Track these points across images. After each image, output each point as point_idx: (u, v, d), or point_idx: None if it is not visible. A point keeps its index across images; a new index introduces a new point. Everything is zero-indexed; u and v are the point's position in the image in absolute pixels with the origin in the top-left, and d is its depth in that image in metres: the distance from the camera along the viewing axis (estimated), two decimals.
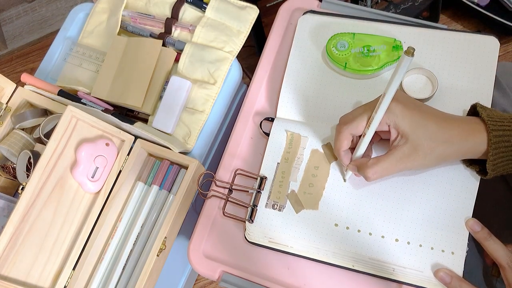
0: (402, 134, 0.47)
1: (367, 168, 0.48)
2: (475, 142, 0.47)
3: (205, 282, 1.11)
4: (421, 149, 0.47)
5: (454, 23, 1.23)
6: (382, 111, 0.46)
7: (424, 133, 0.47)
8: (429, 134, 0.47)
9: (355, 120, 0.49)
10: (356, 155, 0.51)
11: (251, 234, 0.55)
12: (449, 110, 0.56)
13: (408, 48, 0.40)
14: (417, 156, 0.47)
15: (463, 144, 0.47)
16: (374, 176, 0.48)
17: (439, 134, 0.47)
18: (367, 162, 0.49)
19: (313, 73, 0.61)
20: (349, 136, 0.50)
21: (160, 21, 0.68)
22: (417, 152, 0.47)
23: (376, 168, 0.48)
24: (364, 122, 0.48)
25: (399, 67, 0.41)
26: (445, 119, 0.48)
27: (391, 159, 0.48)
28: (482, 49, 0.57)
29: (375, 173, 0.48)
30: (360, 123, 0.49)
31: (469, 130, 0.48)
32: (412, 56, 0.40)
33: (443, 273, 0.49)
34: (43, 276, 0.56)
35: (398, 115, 0.47)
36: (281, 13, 0.67)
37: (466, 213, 0.51)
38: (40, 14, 1.44)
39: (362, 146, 0.50)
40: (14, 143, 0.62)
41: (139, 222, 0.58)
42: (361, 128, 0.49)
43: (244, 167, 0.59)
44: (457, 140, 0.47)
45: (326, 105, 0.59)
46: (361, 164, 0.50)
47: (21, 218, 0.53)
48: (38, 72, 0.71)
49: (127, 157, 0.60)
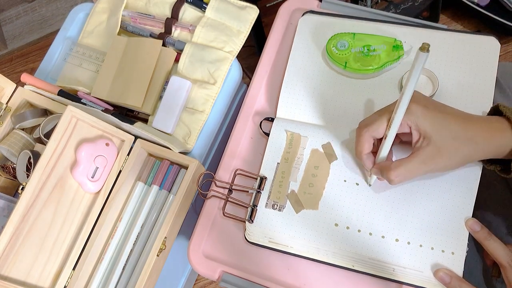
0: (424, 135, 0.47)
1: (391, 171, 0.47)
2: (500, 141, 0.47)
3: (205, 282, 1.11)
4: (445, 150, 0.46)
5: (454, 23, 1.23)
6: (401, 111, 0.45)
7: (447, 133, 0.46)
8: (452, 134, 0.46)
9: (375, 123, 0.48)
10: (379, 158, 0.50)
11: (251, 234, 0.55)
12: None
13: (422, 44, 0.39)
14: (441, 157, 0.46)
15: (487, 143, 0.47)
16: (398, 179, 0.48)
17: (462, 133, 0.46)
18: (390, 165, 0.48)
19: (313, 73, 0.60)
20: (370, 139, 0.49)
21: (160, 21, 0.68)
22: (441, 153, 0.46)
23: (400, 171, 0.47)
24: (384, 124, 0.48)
25: (415, 65, 0.40)
26: (467, 118, 0.48)
27: (414, 162, 0.47)
28: (482, 49, 0.57)
29: (399, 176, 0.47)
30: (381, 125, 0.48)
31: (493, 129, 0.47)
32: (428, 52, 0.39)
33: (443, 273, 0.49)
34: (43, 276, 0.56)
35: (419, 116, 0.46)
36: (281, 13, 0.67)
37: (466, 213, 0.51)
38: (40, 14, 1.44)
39: (384, 149, 0.49)
40: (14, 143, 0.62)
41: (139, 222, 0.58)
42: (381, 130, 0.48)
43: (244, 167, 0.59)
44: (481, 139, 0.46)
45: (326, 105, 0.59)
46: (384, 167, 0.49)
47: (21, 218, 0.53)
48: (38, 72, 0.71)
49: (127, 157, 0.60)
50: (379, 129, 0.48)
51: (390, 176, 0.48)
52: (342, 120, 0.58)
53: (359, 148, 0.50)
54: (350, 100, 0.59)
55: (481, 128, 0.47)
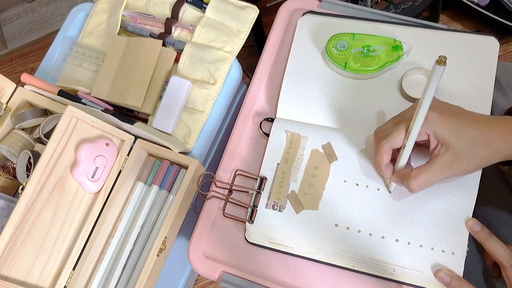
0: (442, 142, 0.47)
1: (411, 180, 0.48)
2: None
3: (205, 282, 1.11)
4: (463, 155, 0.46)
5: (454, 23, 1.23)
6: (419, 121, 0.45)
7: (464, 139, 0.46)
8: (469, 140, 0.46)
9: (393, 133, 0.48)
10: (398, 167, 0.51)
11: (251, 235, 0.55)
12: None
13: (439, 57, 0.39)
14: (460, 163, 0.47)
15: (505, 145, 0.47)
16: (418, 187, 0.48)
17: (480, 138, 0.46)
18: (410, 173, 0.48)
19: (313, 74, 0.60)
20: (389, 150, 0.49)
21: (160, 21, 0.68)
22: (459, 159, 0.46)
23: (420, 179, 0.47)
24: (402, 134, 0.48)
25: (432, 77, 0.40)
26: (484, 122, 0.48)
27: (434, 169, 0.47)
28: (482, 49, 0.57)
29: (419, 184, 0.48)
30: (399, 135, 0.48)
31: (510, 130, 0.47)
32: (444, 65, 0.39)
33: (443, 273, 0.49)
34: (43, 276, 0.56)
35: (437, 124, 0.46)
36: (281, 13, 0.67)
37: (466, 213, 0.51)
38: (40, 14, 1.44)
39: (403, 158, 0.49)
40: (14, 143, 0.62)
41: (139, 222, 0.58)
42: (400, 140, 0.48)
43: (244, 167, 0.59)
44: (498, 142, 0.47)
45: (326, 105, 0.59)
46: (403, 175, 0.49)
47: (21, 218, 0.53)
48: (38, 72, 0.71)
49: (127, 157, 0.60)
50: (397, 140, 0.48)
51: (410, 185, 0.48)
52: (342, 121, 0.58)
53: (378, 160, 0.50)
54: (350, 101, 0.59)
55: (498, 131, 0.47)
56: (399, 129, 0.48)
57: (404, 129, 0.48)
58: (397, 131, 0.48)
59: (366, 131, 0.57)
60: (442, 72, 0.40)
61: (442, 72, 0.40)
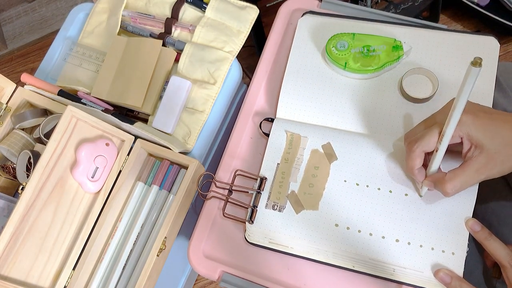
0: (476, 144, 0.46)
1: (446, 184, 0.47)
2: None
3: (205, 282, 1.10)
4: (498, 157, 0.46)
5: (454, 23, 1.23)
6: (453, 124, 0.45)
7: (499, 140, 0.46)
8: (504, 141, 0.46)
9: (425, 137, 0.48)
10: (431, 171, 0.50)
11: (251, 235, 0.55)
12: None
13: (474, 59, 0.38)
14: (494, 164, 0.46)
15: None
16: (453, 191, 0.48)
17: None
18: (444, 177, 0.48)
19: (313, 73, 0.60)
20: (422, 154, 0.49)
21: (160, 21, 0.68)
22: (494, 161, 0.46)
23: (455, 183, 0.47)
24: (435, 138, 0.47)
25: (467, 79, 0.40)
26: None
27: (468, 172, 0.47)
28: (482, 49, 0.57)
29: (454, 187, 0.47)
30: (431, 139, 0.47)
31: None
32: (480, 67, 0.38)
33: (443, 274, 0.49)
34: (43, 276, 0.56)
35: (470, 126, 0.46)
36: (281, 13, 0.67)
37: (466, 213, 0.51)
38: (40, 14, 1.44)
39: (436, 162, 0.49)
40: (14, 143, 0.62)
41: (139, 222, 0.58)
42: (432, 144, 0.48)
43: (244, 167, 0.59)
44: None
45: (326, 105, 0.59)
46: (437, 179, 0.49)
47: (21, 218, 0.53)
48: (38, 72, 0.71)
49: (127, 157, 0.60)
50: (430, 143, 0.48)
51: (446, 189, 0.47)
52: (342, 121, 0.58)
53: (411, 164, 0.50)
54: (350, 101, 0.59)
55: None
56: (431, 132, 0.47)
57: (437, 132, 0.47)
58: (429, 135, 0.47)
59: (366, 131, 0.57)
60: (478, 74, 0.39)
61: (477, 74, 0.39)
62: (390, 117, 0.57)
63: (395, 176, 0.54)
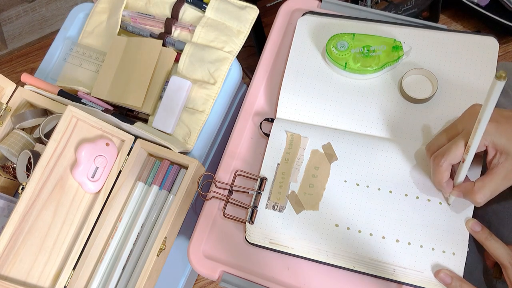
0: (501, 151, 0.46)
1: (476, 194, 0.47)
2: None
3: (205, 282, 1.10)
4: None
5: (454, 23, 1.23)
6: (479, 136, 0.44)
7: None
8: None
9: (451, 150, 0.48)
10: (458, 181, 0.50)
11: (251, 235, 0.55)
12: (449, 111, 0.56)
13: (499, 72, 0.38)
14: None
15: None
16: (484, 200, 0.48)
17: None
18: (473, 188, 0.48)
19: (313, 74, 0.60)
20: (449, 167, 0.49)
21: (160, 21, 0.68)
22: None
23: (485, 192, 0.47)
24: (461, 150, 0.47)
25: (492, 93, 0.40)
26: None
27: (496, 179, 0.47)
28: (482, 49, 0.57)
29: (484, 196, 0.47)
30: (457, 151, 0.47)
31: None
32: (505, 80, 0.38)
33: (444, 274, 0.49)
34: (43, 276, 0.56)
35: (495, 134, 0.46)
36: (281, 13, 0.67)
37: (466, 214, 0.51)
38: (40, 14, 1.44)
39: (463, 172, 0.49)
40: (14, 143, 0.62)
41: (139, 222, 0.58)
42: (459, 156, 0.48)
43: (244, 167, 0.59)
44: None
45: (326, 106, 0.59)
46: (467, 189, 0.49)
47: (21, 218, 0.53)
48: (38, 72, 0.71)
49: (127, 157, 0.60)
50: (456, 156, 0.48)
51: (476, 199, 0.48)
52: (343, 121, 0.58)
53: (439, 178, 0.50)
54: (350, 101, 0.59)
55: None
56: (457, 144, 0.47)
57: (462, 144, 0.47)
58: (455, 147, 0.47)
59: (367, 131, 0.57)
60: (502, 87, 0.39)
61: (502, 87, 0.39)
62: (390, 117, 0.57)
63: (395, 177, 0.54)
